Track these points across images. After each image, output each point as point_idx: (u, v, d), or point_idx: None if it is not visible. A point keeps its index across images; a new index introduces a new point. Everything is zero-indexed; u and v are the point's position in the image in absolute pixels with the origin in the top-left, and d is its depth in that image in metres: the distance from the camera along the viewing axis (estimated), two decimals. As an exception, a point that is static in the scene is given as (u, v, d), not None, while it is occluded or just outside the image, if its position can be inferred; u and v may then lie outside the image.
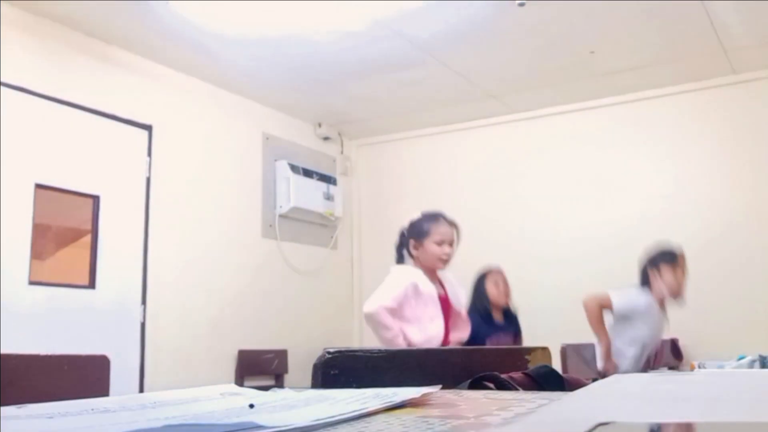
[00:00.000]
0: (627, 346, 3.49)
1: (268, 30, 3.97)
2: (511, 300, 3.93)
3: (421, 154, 5.78)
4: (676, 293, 3.48)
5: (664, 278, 3.47)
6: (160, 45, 4.15)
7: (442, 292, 2.96)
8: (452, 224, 3.03)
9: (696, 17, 3.91)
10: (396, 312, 2.77)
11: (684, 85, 4.84)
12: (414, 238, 2.97)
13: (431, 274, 2.95)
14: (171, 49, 4.20)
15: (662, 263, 3.51)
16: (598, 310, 3.49)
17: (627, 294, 3.52)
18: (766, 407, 0.56)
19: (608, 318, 3.52)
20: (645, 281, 3.52)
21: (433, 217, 3.03)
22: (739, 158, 4.69)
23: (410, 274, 2.88)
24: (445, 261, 2.96)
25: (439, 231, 2.97)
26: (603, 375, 3.46)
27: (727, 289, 4.54)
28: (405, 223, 3.07)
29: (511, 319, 3.92)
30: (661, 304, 3.51)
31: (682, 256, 3.53)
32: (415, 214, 3.07)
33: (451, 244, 2.98)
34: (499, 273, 3.90)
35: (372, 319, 2.76)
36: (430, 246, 2.93)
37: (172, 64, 4.42)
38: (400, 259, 3.05)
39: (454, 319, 3.00)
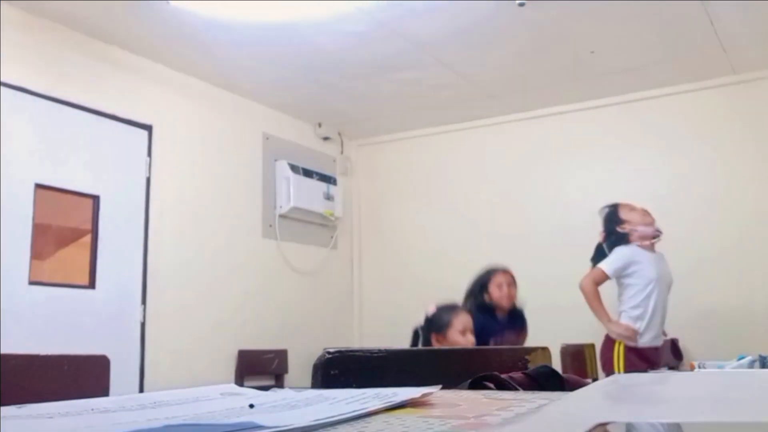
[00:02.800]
0: (638, 298, 3.55)
1: (268, 30, 3.97)
2: (516, 299, 3.88)
3: (421, 154, 5.78)
4: (650, 224, 3.60)
5: (631, 222, 3.59)
6: (160, 45, 4.15)
7: None
8: (469, 311, 3.08)
9: (696, 17, 3.91)
10: None
11: (684, 85, 4.84)
12: (435, 332, 2.98)
13: None
14: (171, 49, 4.20)
15: (620, 213, 3.65)
16: (594, 288, 3.57)
17: (612, 255, 3.61)
18: (766, 407, 0.56)
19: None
20: (618, 239, 3.61)
21: (451, 308, 3.07)
22: (740, 158, 4.69)
23: None
24: None
25: (461, 320, 2.99)
26: (628, 347, 3.50)
27: (727, 289, 4.54)
28: (420, 320, 3.07)
29: (516, 316, 3.88)
30: (648, 245, 3.60)
31: (625, 202, 3.70)
32: (430, 308, 3.08)
33: (472, 331, 3.01)
34: (505, 274, 3.84)
35: None
36: (455, 336, 2.95)
37: (172, 64, 4.42)
38: None
39: None
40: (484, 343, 3.56)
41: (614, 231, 3.68)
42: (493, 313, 3.79)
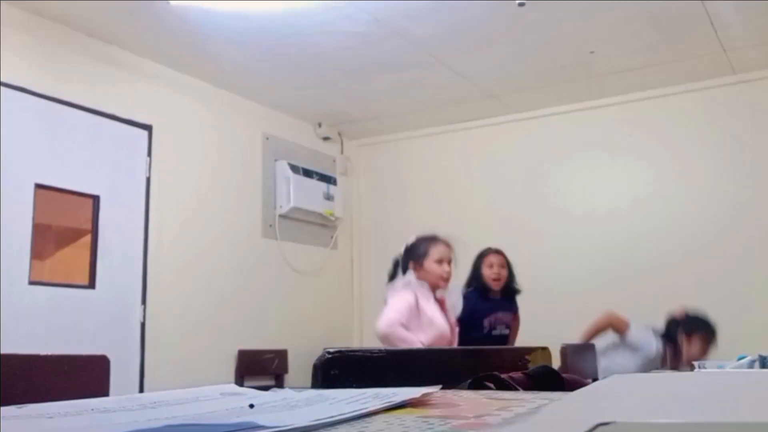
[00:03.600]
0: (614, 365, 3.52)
1: (268, 30, 3.97)
2: (511, 281, 3.87)
3: (421, 154, 5.78)
4: (689, 363, 3.53)
5: (692, 347, 3.51)
6: (160, 45, 4.15)
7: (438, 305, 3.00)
8: (448, 244, 3.06)
9: (696, 17, 3.91)
10: (405, 324, 2.82)
11: (684, 85, 4.84)
12: (413, 261, 2.99)
13: (431, 295, 2.99)
14: (171, 49, 4.20)
15: (699, 334, 3.55)
16: (607, 326, 3.53)
17: (646, 334, 3.56)
18: (766, 407, 0.56)
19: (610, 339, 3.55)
20: (669, 336, 3.56)
21: (430, 238, 3.06)
22: (740, 158, 4.69)
23: (409, 285, 2.91)
24: (446, 279, 2.99)
25: (438, 250, 3.00)
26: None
27: (727, 289, 4.54)
28: (399, 249, 3.09)
29: (510, 299, 3.89)
30: (671, 362, 3.55)
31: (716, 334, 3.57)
32: (410, 238, 3.10)
33: (449, 262, 3.01)
34: (497, 255, 3.85)
35: (389, 338, 2.81)
36: (431, 266, 2.96)
37: (172, 64, 4.42)
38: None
39: (451, 328, 3.04)
40: (477, 322, 3.58)
41: (674, 333, 3.62)
42: (486, 294, 3.79)
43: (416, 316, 2.86)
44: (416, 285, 2.92)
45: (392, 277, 3.09)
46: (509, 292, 3.86)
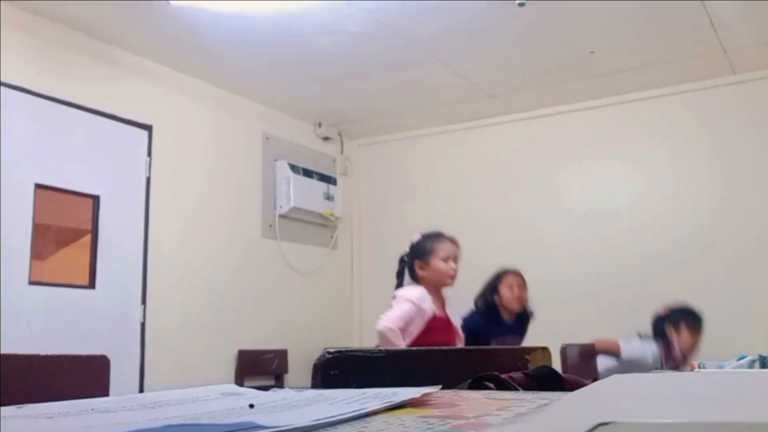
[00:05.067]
0: None
1: (268, 30, 3.97)
2: (527, 303, 3.77)
3: (421, 154, 5.78)
4: (687, 355, 3.52)
5: (682, 338, 3.49)
6: (160, 45, 4.15)
7: (442, 313, 2.98)
8: (453, 241, 3.05)
9: (696, 17, 3.91)
10: (403, 331, 2.83)
11: (684, 85, 4.84)
12: (418, 258, 2.99)
13: (437, 293, 2.98)
14: (171, 49, 4.20)
15: (684, 323, 3.54)
16: (599, 352, 3.52)
17: (637, 344, 3.55)
18: (766, 407, 0.56)
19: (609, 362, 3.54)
20: (659, 334, 3.54)
21: (435, 236, 3.05)
22: (740, 158, 4.69)
23: (419, 295, 2.91)
24: (452, 277, 2.98)
25: (444, 248, 2.99)
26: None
27: (727, 289, 4.54)
28: (405, 247, 3.08)
29: (523, 320, 3.81)
30: (669, 360, 3.54)
31: (702, 320, 3.56)
32: (415, 236, 3.09)
33: (455, 260, 3.00)
34: (516, 276, 3.73)
35: (383, 338, 2.83)
36: (437, 263, 2.95)
37: (172, 64, 4.42)
38: (400, 285, 3.06)
39: (452, 336, 3.03)
40: (485, 343, 3.54)
41: (663, 330, 3.62)
42: (500, 315, 3.72)
43: (414, 324, 2.88)
44: (424, 300, 2.92)
45: (399, 274, 3.08)
46: (524, 315, 3.74)
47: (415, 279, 3.00)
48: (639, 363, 3.49)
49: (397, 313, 2.86)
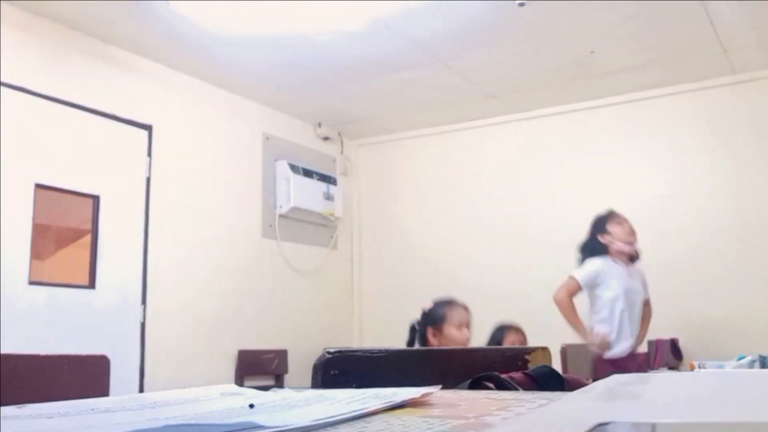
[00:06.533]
0: (605, 311, 3.54)
1: (268, 30, 3.97)
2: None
3: (421, 154, 5.78)
4: (630, 243, 3.59)
5: (613, 235, 3.59)
6: (160, 45, 4.15)
7: None
8: (466, 308, 3.03)
9: (696, 17, 3.91)
10: None
11: (684, 85, 4.84)
12: (432, 326, 2.95)
13: None
14: (171, 49, 4.20)
15: (607, 224, 3.66)
16: (569, 299, 3.55)
17: (585, 265, 3.61)
18: (766, 407, 0.56)
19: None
20: (596, 247, 3.61)
21: (448, 303, 3.03)
22: (740, 158, 4.69)
23: None
24: (465, 345, 2.94)
25: (457, 315, 2.95)
26: (599, 357, 3.48)
27: (727, 289, 4.54)
28: (417, 315, 3.04)
29: None
30: (624, 260, 3.59)
31: (618, 213, 3.68)
32: (427, 304, 3.05)
33: (468, 326, 2.97)
34: (518, 333, 3.61)
35: None
36: (451, 331, 2.92)
37: (172, 64, 4.42)
38: None
39: None
40: None
41: (595, 238, 3.68)
42: None
43: None
44: None
45: (410, 344, 3.02)
46: None
47: (427, 347, 2.95)
48: (596, 275, 3.58)
49: None
